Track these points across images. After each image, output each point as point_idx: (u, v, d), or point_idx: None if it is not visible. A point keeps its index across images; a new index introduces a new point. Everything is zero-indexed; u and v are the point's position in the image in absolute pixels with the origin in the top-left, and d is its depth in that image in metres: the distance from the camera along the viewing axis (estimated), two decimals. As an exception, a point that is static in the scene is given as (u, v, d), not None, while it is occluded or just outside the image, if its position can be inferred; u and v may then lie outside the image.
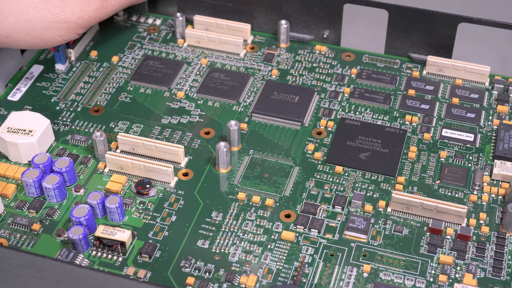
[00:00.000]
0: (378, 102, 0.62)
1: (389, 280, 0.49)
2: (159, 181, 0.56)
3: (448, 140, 0.59)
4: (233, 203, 0.54)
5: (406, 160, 0.57)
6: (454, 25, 0.64)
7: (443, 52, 0.66)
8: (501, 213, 0.54)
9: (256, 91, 0.63)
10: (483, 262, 0.50)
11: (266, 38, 0.69)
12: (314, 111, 0.62)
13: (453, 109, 0.61)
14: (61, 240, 0.52)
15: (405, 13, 0.65)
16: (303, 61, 0.66)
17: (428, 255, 0.51)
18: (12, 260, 0.44)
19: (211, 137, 0.59)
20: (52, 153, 0.58)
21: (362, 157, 0.57)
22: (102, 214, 0.53)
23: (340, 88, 0.64)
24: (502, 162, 0.56)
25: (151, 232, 0.52)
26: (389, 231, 0.52)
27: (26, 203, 0.54)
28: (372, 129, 0.60)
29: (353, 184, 0.56)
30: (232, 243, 0.52)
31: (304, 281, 0.49)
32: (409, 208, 0.53)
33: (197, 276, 0.49)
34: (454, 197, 0.55)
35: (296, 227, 0.53)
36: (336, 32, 0.68)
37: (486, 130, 0.60)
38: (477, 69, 0.64)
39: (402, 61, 0.67)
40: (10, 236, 0.52)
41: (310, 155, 0.58)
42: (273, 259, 0.51)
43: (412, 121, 0.60)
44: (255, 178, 0.56)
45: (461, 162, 0.57)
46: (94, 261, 0.50)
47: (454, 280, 0.49)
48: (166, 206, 0.54)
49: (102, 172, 0.56)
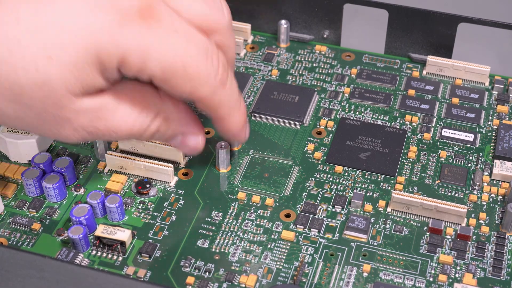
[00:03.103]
0: (378, 102, 0.62)
1: (389, 279, 0.49)
2: (159, 180, 0.56)
3: (448, 140, 0.59)
4: (233, 202, 0.54)
5: (406, 160, 0.57)
6: (454, 25, 0.64)
7: (443, 52, 0.66)
8: (501, 213, 0.54)
9: (256, 91, 0.63)
10: (483, 262, 0.50)
11: (266, 38, 0.69)
12: (314, 111, 0.62)
13: (453, 109, 0.61)
14: (61, 240, 0.52)
15: (405, 13, 0.65)
16: (303, 61, 0.66)
17: (428, 255, 0.51)
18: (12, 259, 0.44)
19: (211, 137, 0.59)
20: (52, 152, 0.58)
21: (362, 157, 0.57)
22: (102, 213, 0.53)
23: (340, 88, 0.64)
24: (502, 162, 0.56)
25: (151, 231, 0.52)
26: (389, 231, 0.52)
27: (26, 203, 0.54)
28: (372, 129, 0.60)
29: (353, 184, 0.56)
30: (232, 243, 0.52)
31: (304, 280, 0.49)
32: (409, 208, 0.53)
33: (197, 275, 0.49)
34: (454, 197, 0.55)
35: (296, 226, 0.53)
36: (336, 32, 0.68)
37: (486, 130, 0.60)
38: (477, 69, 0.64)
39: (402, 61, 0.67)
40: (10, 236, 0.52)
41: (310, 155, 0.58)
42: (273, 258, 0.51)
43: (412, 121, 0.60)
44: (255, 178, 0.56)
45: (461, 162, 0.57)
46: (94, 260, 0.50)
47: (454, 280, 0.49)
48: (166, 206, 0.54)
49: (102, 172, 0.56)
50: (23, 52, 0.42)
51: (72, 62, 0.42)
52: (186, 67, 0.44)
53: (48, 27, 0.42)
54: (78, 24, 0.42)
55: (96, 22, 0.42)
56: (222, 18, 0.48)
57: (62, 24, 0.42)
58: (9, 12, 0.42)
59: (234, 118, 0.49)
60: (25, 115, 0.44)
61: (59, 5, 0.42)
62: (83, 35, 0.42)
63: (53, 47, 0.42)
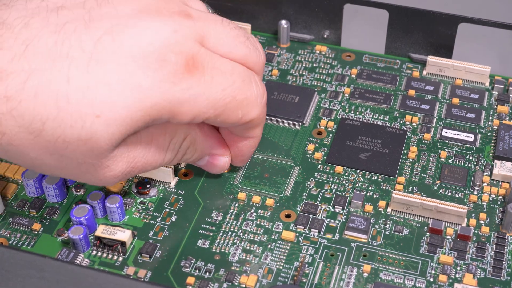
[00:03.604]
0: (378, 102, 0.62)
1: (389, 280, 0.49)
2: (159, 181, 0.56)
3: (448, 140, 0.59)
4: (233, 203, 0.54)
5: (406, 160, 0.57)
6: (454, 25, 0.64)
7: (443, 52, 0.66)
8: (501, 213, 0.54)
9: (256, 91, 0.63)
10: (483, 262, 0.50)
11: (266, 38, 0.69)
12: (314, 111, 0.62)
13: (453, 109, 0.61)
14: (62, 240, 0.52)
15: (405, 13, 0.65)
16: (303, 61, 0.66)
17: (428, 255, 0.51)
18: (12, 259, 0.44)
19: (211, 137, 0.59)
20: (52, 153, 0.58)
21: (362, 157, 0.57)
22: (102, 214, 0.53)
23: (340, 88, 0.64)
24: (502, 162, 0.56)
25: (151, 232, 0.52)
26: (389, 231, 0.52)
27: (26, 203, 0.54)
28: (372, 129, 0.60)
29: (353, 184, 0.56)
30: (232, 243, 0.52)
31: (304, 281, 0.49)
32: (409, 208, 0.53)
33: (197, 276, 0.49)
34: (454, 197, 0.55)
35: (296, 227, 0.53)
36: (336, 32, 0.68)
37: (486, 130, 0.60)
38: (477, 69, 0.64)
39: (402, 61, 0.67)
40: (10, 236, 0.52)
41: (310, 155, 0.58)
42: (273, 259, 0.51)
43: (412, 121, 0.60)
44: (255, 178, 0.56)
45: (461, 162, 0.57)
46: (94, 261, 0.50)
47: (454, 280, 0.49)
48: (166, 206, 0.54)
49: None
50: (71, 109, 0.42)
51: (121, 120, 0.43)
52: (235, 96, 0.47)
53: (98, 86, 0.42)
54: (128, 84, 0.43)
55: (146, 82, 0.43)
56: (260, 59, 0.50)
57: (112, 84, 0.42)
58: (61, 70, 0.42)
59: (259, 139, 0.53)
60: (65, 166, 0.44)
61: (110, 65, 0.42)
62: (133, 95, 0.43)
63: (102, 105, 0.42)
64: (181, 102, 0.44)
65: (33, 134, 0.42)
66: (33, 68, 0.42)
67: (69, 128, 0.42)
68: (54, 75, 0.42)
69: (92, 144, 0.43)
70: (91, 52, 0.42)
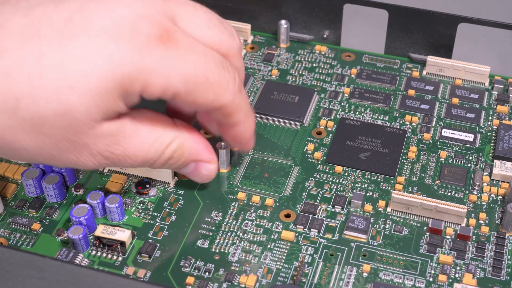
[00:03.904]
0: (378, 102, 0.62)
1: (389, 280, 0.49)
2: (159, 181, 0.56)
3: (448, 140, 0.59)
4: (233, 203, 0.54)
5: (406, 160, 0.57)
6: (454, 25, 0.64)
7: (443, 52, 0.66)
8: (500, 213, 0.54)
9: (256, 91, 0.63)
10: (483, 262, 0.50)
11: (266, 38, 0.69)
12: (314, 111, 0.62)
13: (453, 109, 0.61)
14: (61, 240, 0.52)
15: (405, 13, 0.65)
16: (303, 61, 0.66)
17: (427, 255, 0.51)
18: (12, 259, 0.44)
19: (211, 137, 0.59)
20: (52, 152, 0.58)
21: (362, 157, 0.57)
22: (102, 213, 0.53)
23: (340, 88, 0.64)
24: (502, 162, 0.56)
25: (151, 231, 0.52)
26: (389, 231, 0.52)
27: (26, 203, 0.54)
28: (372, 129, 0.60)
29: (353, 184, 0.56)
30: (231, 243, 0.52)
31: (304, 280, 0.49)
32: (409, 208, 0.53)
33: (196, 275, 0.49)
34: (454, 197, 0.55)
35: (296, 227, 0.53)
36: (336, 32, 0.68)
37: (486, 130, 0.60)
38: (477, 69, 0.64)
39: (402, 61, 0.67)
40: (10, 236, 0.52)
41: (310, 155, 0.58)
42: (273, 258, 0.51)
43: (412, 121, 0.60)
44: (255, 178, 0.56)
45: (461, 162, 0.57)
46: (94, 260, 0.50)
47: (454, 280, 0.49)
48: (166, 206, 0.54)
49: (102, 172, 0.56)
50: (44, 84, 0.42)
51: (94, 90, 0.43)
52: (207, 77, 0.46)
53: (71, 60, 0.43)
54: (100, 55, 0.43)
55: (118, 51, 0.43)
56: (234, 43, 0.50)
57: (84, 56, 0.43)
58: (32, 48, 0.42)
59: (248, 123, 0.52)
60: (43, 145, 0.44)
61: (81, 39, 0.43)
62: (106, 65, 0.43)
63: (75, 77, 0.42)
64: (153, 72, 0.44)
65: (7, 114, 0.42)
66: (4, 47, 0.42)
67: (44, 103, 0.42)
68: (26, 54, 0.42)
69: (70, 117, 0.43)
70: (62, 30, 0.43)
